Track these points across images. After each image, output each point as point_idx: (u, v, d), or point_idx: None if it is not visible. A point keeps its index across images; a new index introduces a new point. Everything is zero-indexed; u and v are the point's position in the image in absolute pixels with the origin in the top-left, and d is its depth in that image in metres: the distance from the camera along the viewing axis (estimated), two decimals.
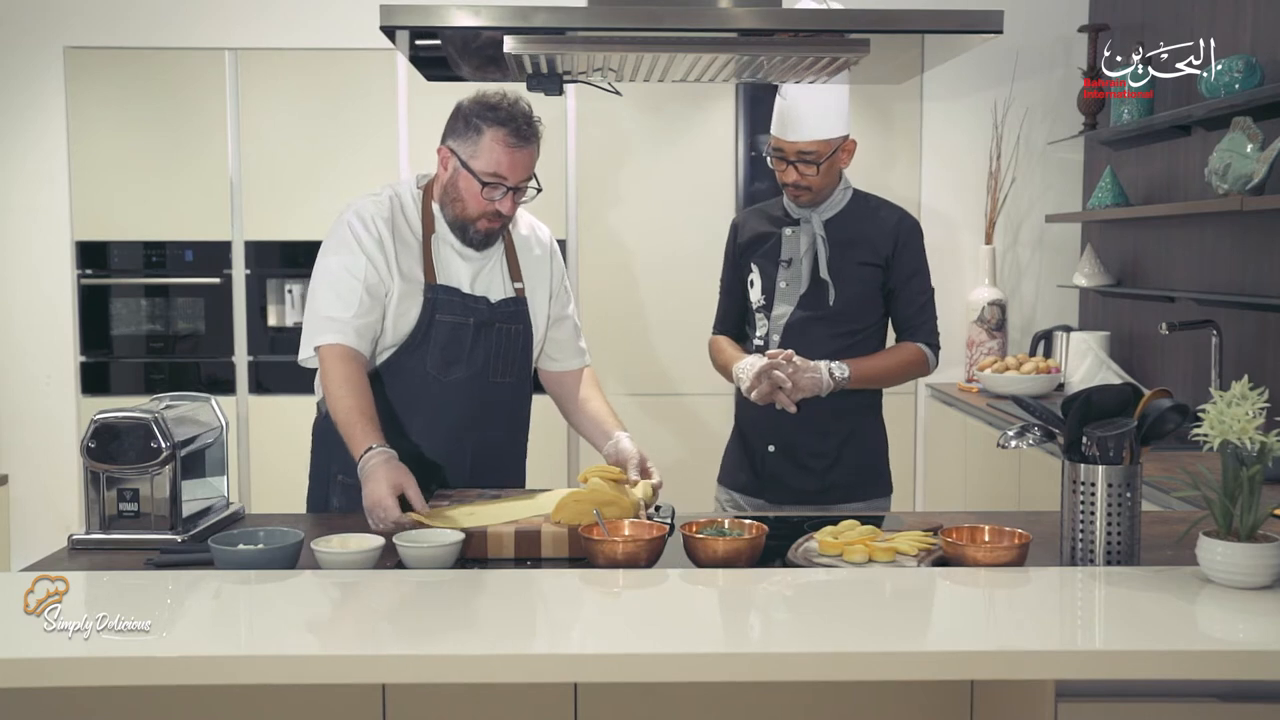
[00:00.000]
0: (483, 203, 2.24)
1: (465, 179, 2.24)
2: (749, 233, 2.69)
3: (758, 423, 2.62)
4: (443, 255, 2.32)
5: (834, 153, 2.51)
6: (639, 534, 1.91)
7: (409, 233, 2.30)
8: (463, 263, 2.33)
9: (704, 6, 2.08)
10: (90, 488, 2.05)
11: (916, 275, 2.59)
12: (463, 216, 2.27)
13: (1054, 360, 4.18)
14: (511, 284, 2.39)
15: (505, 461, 2.46)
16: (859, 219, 2.59)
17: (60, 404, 4.52)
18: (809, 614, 1.65)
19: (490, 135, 2.21)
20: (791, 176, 2.53)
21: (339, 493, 2.34)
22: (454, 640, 1.53)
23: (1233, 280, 3.51)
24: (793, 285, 2.58)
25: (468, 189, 2.24)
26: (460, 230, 2.30)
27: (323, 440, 2.38)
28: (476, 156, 2.22)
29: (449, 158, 2.26)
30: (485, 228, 2.28)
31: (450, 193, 2.27)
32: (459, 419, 2.32)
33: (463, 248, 2.32)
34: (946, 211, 4.57)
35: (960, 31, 2.03)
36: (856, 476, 2.60)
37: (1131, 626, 1.55)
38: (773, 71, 2.25)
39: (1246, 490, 1.65)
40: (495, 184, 2.22)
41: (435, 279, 2.28)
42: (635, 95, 4.32)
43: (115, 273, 4.47)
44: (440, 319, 2.28)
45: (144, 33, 4.40)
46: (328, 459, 2.35)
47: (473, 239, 2.30)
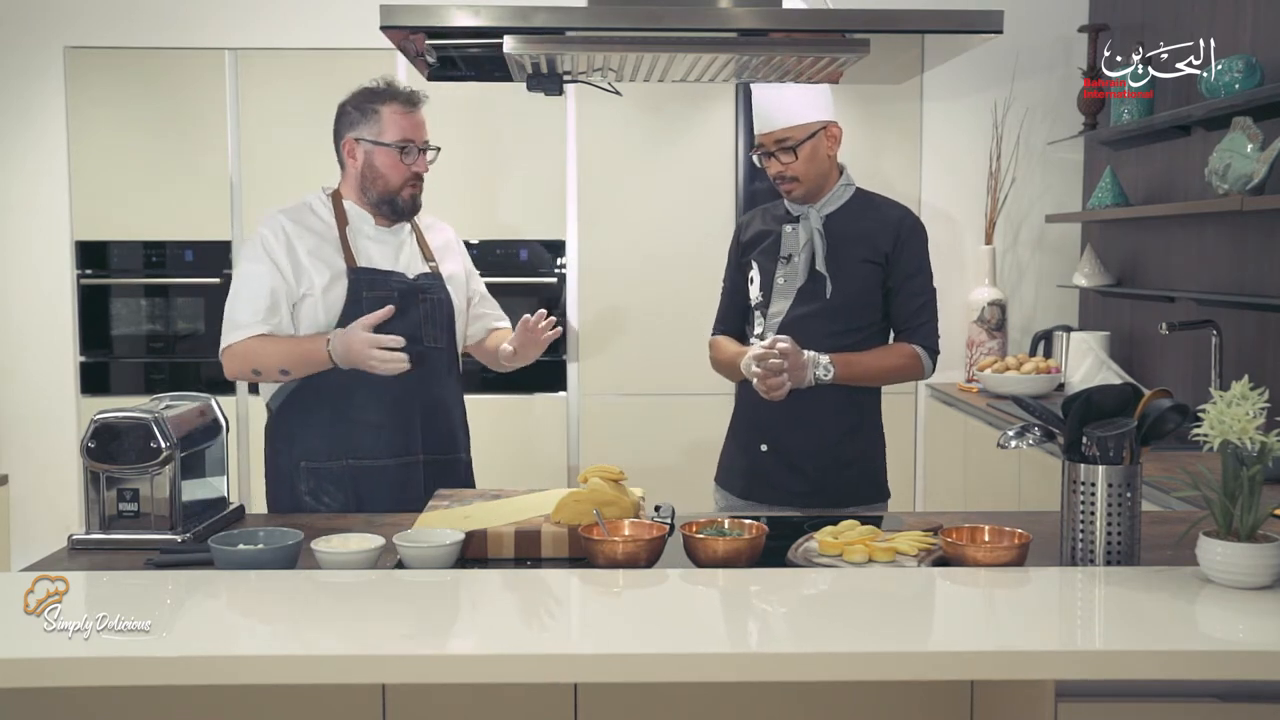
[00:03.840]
0: (402, 169, 2.49)
1: (380, 154, 2.49)
2: (751, 231, 2.70)
3: (753, 421, 2.62)
4: (359, 244, 2.52)
5: (811, 137, 2.51)
6: (639, 534, 1.91)
7: (323, 227, 2.51)
8: (379, 247, 2.53)
9: (704, 6, 2.08)
10: (90, 488, 2.05)
11: (917, 275, 2.57)
12: (388, 191, 2.50)
13: (1054, 360, 4.18)
14: (425, 263, 2.59)
15: (452, 425, 2.61)
16: (860, 215, 2.58)
17: (60, 404, 4.52)
18: (809, 614, 1.65)
19: (387, 111, 2.49)
20: (775, 168, 2.55)
21: (305, 478, 2.47)
22: (454, 640, 1.53)
23: (1233, 280, 3.51)
24: (790, 280, 2.57)
25: (385, 163, 2.49)
26: (389, 205, 2.51)
27: (280, 435, 2.52)
28: (383, 132, 2.48)
29: (355, 147, 2.51)
30: (410, 194, 2.52)
31: (368, 175, 2.50)
32: (403, 385, 2.46)
33: (376, 231, 2.53)
34: (946, 211, 4.58)
35: (960, 31, 2.03)
36: (849, 480, 2.57)
37: (1131, 626, 1.55)
38: (773, 71, 2.25)
39: (1246, 490, 1.65)
40: (407, 147, 2.48)
41: (356, 263, 2.48)
42: (635, 95, 4.32)
43: (115, 273, 4.47)
44: (367, 295, 2.45)
45: (144, 33, 4.40)
46: (288, 451, 2.50)
47: (402, 209, 2.53)
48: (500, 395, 4.47)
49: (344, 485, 2.46)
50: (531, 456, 4.50)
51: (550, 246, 4.49)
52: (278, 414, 2.52)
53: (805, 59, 2.13)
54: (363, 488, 2.46)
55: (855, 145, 4.50)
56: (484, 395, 4.37)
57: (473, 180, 4.44)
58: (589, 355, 4.52)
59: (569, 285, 4.50)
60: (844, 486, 2.57)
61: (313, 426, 2.47)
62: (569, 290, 4.50)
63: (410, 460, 2.50)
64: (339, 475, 2.46)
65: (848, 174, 2.63)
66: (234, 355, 2.43)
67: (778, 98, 2.51)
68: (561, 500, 2.00)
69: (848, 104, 4.48)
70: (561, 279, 4.49)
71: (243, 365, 2.43)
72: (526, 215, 4.48)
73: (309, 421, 2.48)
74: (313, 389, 2.46)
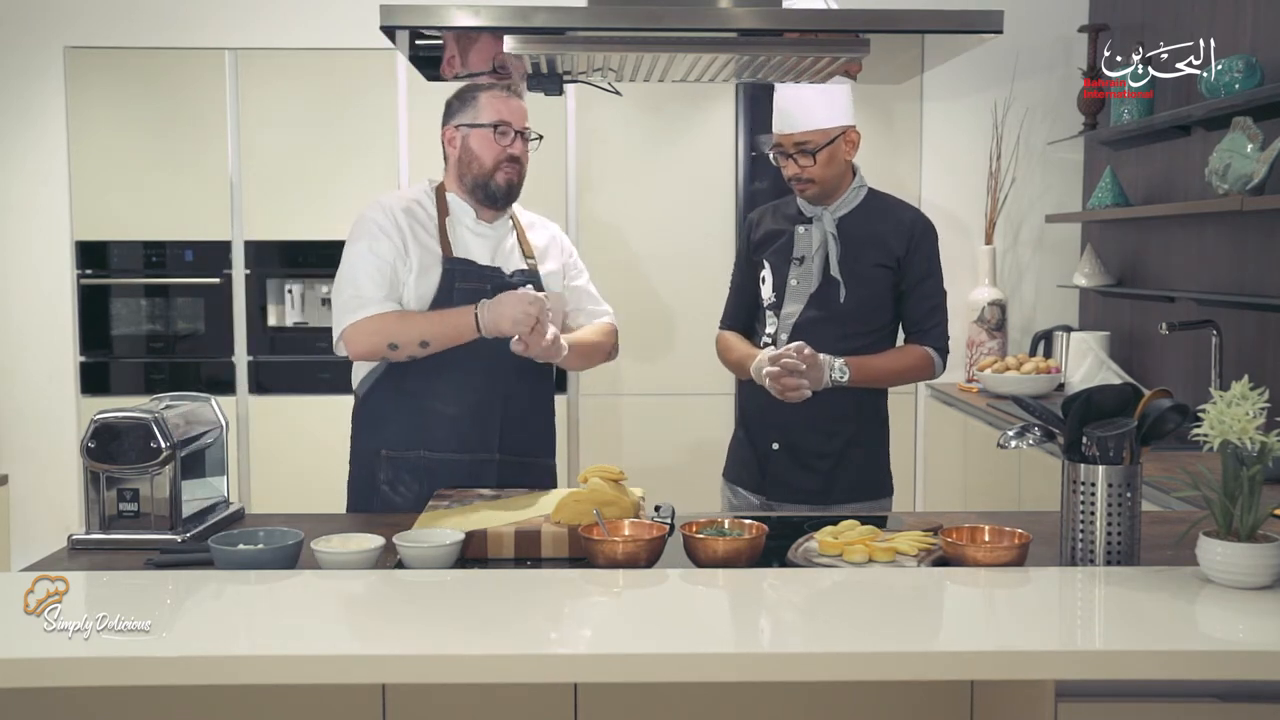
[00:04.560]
0: (496, 149, 2.46)
1: (476, 136, 2.47)
2: (763, 230, 2.69)
3: (763, 421, 2.62)
4: (459, 235, 2.50)
5: (831, 143, 2.52)
6: (639, 534, 1.91)
7: (425, 216, 2.49)
8: (478, 239, 2.51)
9: (704, 6, 2.07)
10: (90, 488, 2.05)
11: (929, 278, 2.59)
12: (482, 174, 2.48)
13: (1054, 360, 4.18)
14: (524, 259, 2.56)
15: (537, 427, 2.57)
16: (873, 218, 2.59)
17: (60, 404, 4.52)
18: (809, 614, 1.65)
19: (485, 96, 2.48)
20: (792, 169, 2.55)
21: (385, 467, 2.45)
22: (454, 640, 1.53)
23: (1233, 280, 3.51)
24: (804, 283, 2.57)
25: (480, 144, 2.47)
26: (483, 190, 2.48)
27: (366, 422, 2.50)
28: (480, 115, 2.48)
29: (455, 134, 2.50)
30: (505, 179, 2.48)
31: (465, 159, 2.49)
32: (486, 377, 2.44)
33: (477, 224, 2.51)
34: (947, 212, 4.57)
35: (960, 31, 2.02)
36: (859, 477, 2.59)
37: (1131, 626, 1.55)
38: (773, 71, 2.25)
39: (1246, 490, 1.65)
40: (502, 127, 2.46)
41: (452, 253, 2.46)
42: (635, 95, 4.32)
43: (115, 273, 4.47)
44: (460, 286, 2.43)
45: (144, 33, 4.40)
46: (372, 438, 2.48)
47: (495, 194, 2.49)
48: None
49: (419, 477, 2.42)
50: None
51: None
52: (364, 400, 2.49)
53: (805, 59, 2.13)
54: (436, 481, 2.41)
55: None
56: None
57: None
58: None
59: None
60: (854, 484, 2.59)
61: (394, 414, 2.45)
62: None
63: (486, 458, 2.45)
64: (415, 466, 2.43)
65: (861, 175, 2.63)
66: (365, 331, 2.36)
67: (801, 99, 2.51)
68: (561, 500, 2.00)
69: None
70: None
71: (376, 340, 2.36)
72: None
73: (392, 409, 2.45)
74: (398, 376, 2.43)
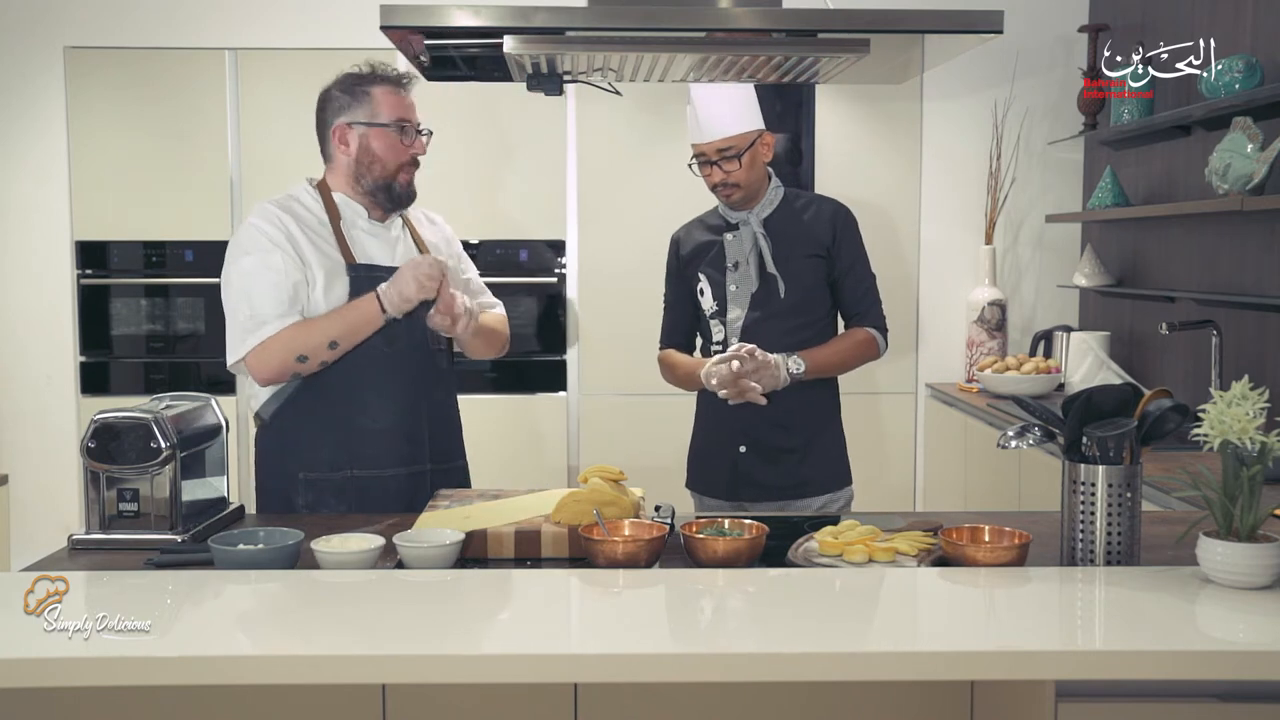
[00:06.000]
0: (400, 150, 2.38)
1: (377, 136, 2.37)
2: (691, 244, 2.76)
3: (727, 425, 2.68)
4: (355, 238, 2.40)
5: (752, 145, 2.59)
6: (639, 534, 1.91)
7: (315, 221, 2.38)
8: (374, 241, 2.42)
9: (704, 6, 2.08)
10: (90, 488, 2.05)
11: (859, 262, 2.68)
12: (384, 176, 2.39)
13: (1054, 360, 4.18)
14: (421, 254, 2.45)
15: (452, 427, 2.53)
16: (796, 213, 2.67)
17: (60, 404, 4.52)
18: (809, 614, 1.65)
19: (378, 92, 2.38)
20: (717, 176, 2.61)
21: (303, 491, 2.35)
22: (454, 640, 1.53)
23: (1233, 280, 3.51)
24: (743, 286, 2.64)
25: (382, 145, 2.37)
26: (385, 192, 2.39)
27: (273, 447, 2.39)
28: (377, 113, 2.37)
29: (348, 132, 2.38)
30: (406, 180, 2.41)
31: (364, 160, 2.38)
32: (409, 386, 2.40)
33: (370, 225, 2.42)
34: (946, 211, 4.58)
35: (960, 31, 2.03)
36: (824, 469, 2.68)
37: (1131, 626, 1.55)
38: (772, 72, 2.25)
39: (1246, 490, 1.65)
40: (404, 127, 2.38)
41: (355, 259, 2.37)
42: (635, 95, 4.31)
43: (115, 273, 4.47)
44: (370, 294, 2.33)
45: (144, 33, 4.40)
46: (287, 462, 2.36)
47: (399, 195, 2.41)
48: (500, 395, 4.47)
49: (347, 498, 2.34)
50: (531, 456, 4.49)
51: (551, 246, 4.49)
52: (271, 423, 2.37)
53: (805, 59, 2.13)
54: (368, 500, 2.33)
55: (855, 145, 4.51)
56: (484, 395, 4.37)
57: (473, 180, 4.44)
58: (589, 355, 4.52)
59: (569, 285, 4.50)
60: (820, 476, 2.67)
61: (314, 435, 2.34)
62: (569, 290, 4.50)
63: (419, 470, 2.40)
64: (342, 487, 2.34)
65: (774, 175, 2.71)
66: (270, 350, 2.24)
67: (719, 106, 2.58)
68: (561, 500, 2.00)
69: (848, 104, 4.49)
70: (561, 279, 4.49)
71: (284, 357, 2.25)
72: (526, 215, 4.48)
73: (308, 430, 2.34)
74: (313, 394, 2.33)
